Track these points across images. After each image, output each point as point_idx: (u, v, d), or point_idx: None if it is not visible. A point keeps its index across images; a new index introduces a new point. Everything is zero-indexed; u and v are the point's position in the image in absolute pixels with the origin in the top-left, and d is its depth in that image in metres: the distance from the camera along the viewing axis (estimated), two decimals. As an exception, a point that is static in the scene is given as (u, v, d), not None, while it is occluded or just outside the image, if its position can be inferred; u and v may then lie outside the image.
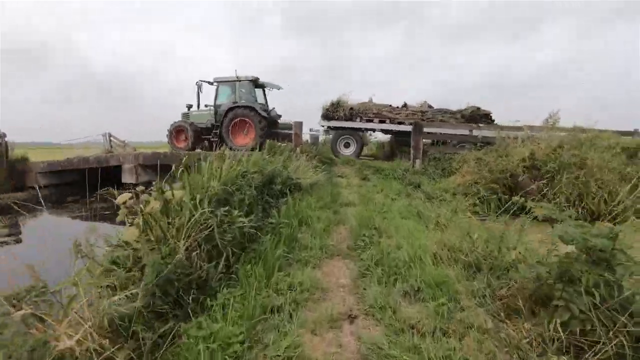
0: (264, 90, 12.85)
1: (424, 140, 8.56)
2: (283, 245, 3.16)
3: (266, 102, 12.97)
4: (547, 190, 6.78)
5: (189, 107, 12.98)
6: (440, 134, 9.16)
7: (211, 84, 12.20)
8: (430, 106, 11.24)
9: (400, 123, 10.68)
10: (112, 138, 16.25)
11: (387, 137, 13.84)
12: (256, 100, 12.04)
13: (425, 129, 8.65)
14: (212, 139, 11.76)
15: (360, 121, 10.77)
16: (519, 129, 8.29)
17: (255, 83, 11.94)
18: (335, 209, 5.08)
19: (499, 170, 6.92)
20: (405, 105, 11.47)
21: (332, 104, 10.97)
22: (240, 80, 11.67)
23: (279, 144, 8.65)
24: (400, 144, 11.40)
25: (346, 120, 10.79)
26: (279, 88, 12.68)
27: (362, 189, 7.18)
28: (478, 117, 10.17)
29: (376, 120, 10.77)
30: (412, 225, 4.33)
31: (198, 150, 11.46)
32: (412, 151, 8.34)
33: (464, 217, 5.40)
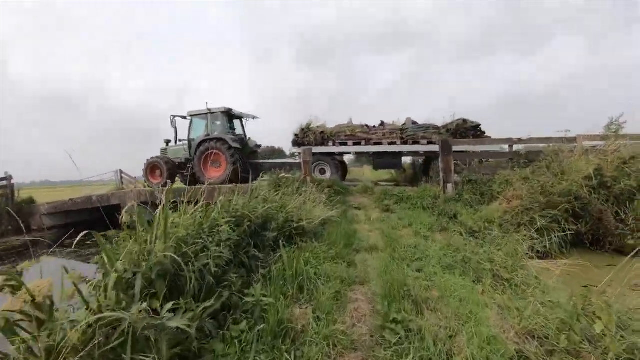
0: (241, 121, 12.71)
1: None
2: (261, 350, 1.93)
3: (244, 133, 12.70)
4: (627, 216, 5.28)
5: (167, 142, 12.78)
6: (474, 152, 7.83)
7: (184, 118, 11.97)
8: (414, 122, 10.06)
9: (377, 143, 9.81)
10: (123, 175, 15.88)
11: (409, 159, 12.59)
12: (230, 132, 11.64)
13: (456, 147, 7.35)
14: (186, 174, 11.36)
15: (333, 145, 10.00)
16: (571, 140, 6.86)
17: (229, 114, 11.58)
18: (350, 259, 3.81)
19: (557, 193, 5.50)
20: (382, 123, 10.48)
21: (302, 129, 10.39)
22: (212, 113, 11.34)
23: (286, 175, 7.61)
24: (381, 165, 10.43)
25: (317, 144, 10.05)
26: (254, 117, 12.59)
27: (384, 224, 5.89)
28: (465, 130, 9.00)
29: (350, 142, 9.90)
30: (461, 283, 3.01)
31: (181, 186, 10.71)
32: (441, 174, 7.03)
33: (525, 259, 4.02)
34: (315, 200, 6.18)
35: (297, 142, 10.38)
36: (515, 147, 7.34)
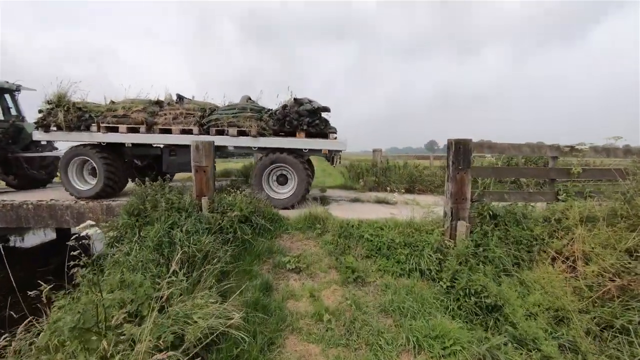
0: (12, 96, 8.27)
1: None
2: None
3: (18, 111, 8.31)
4: None
5: None
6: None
7: None
8: (253, 102, 6.50)
9: (164, 130, 5.97)
10: None
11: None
12: None
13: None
14: None
15: (99, 131, 5.94)
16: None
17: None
18: None
19: None
20: (180, 99, 6.54)
21: (49, 103, 6.06)
22: None
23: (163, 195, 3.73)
24: (173, 166, 6.32)
25: (73, 130, 6.04)
26: (24, 89, 8.29)
27: (354, 330, 2.57)
28: (299, 116, 5.70)
29: (123, 128, 5.90)
30: None
31: None
32: (448, 203, 3.88)
33: None
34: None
35: (43, 125, 6.07)
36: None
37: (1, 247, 3.36)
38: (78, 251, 2.24)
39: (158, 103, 6.40)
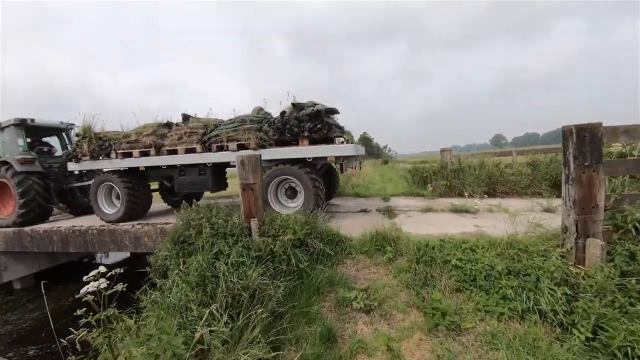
0: (66, 135, 8.80)
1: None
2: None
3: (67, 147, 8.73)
4: None
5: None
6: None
7: None
8: (266, 113, 6.17)
9: (172, 152, 6.02)
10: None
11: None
12: (28, 151, 7.76)
13: None
14: None
15: (116, 157, 6.38)
16: None
17: (26, 126, 7.74)
18: None
19: None
20: (186, 118, 6.54)
21: (77, 136, 6.85)
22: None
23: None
24: (186, 186, 6.22)
25: (97, 158, 6.62)
26: (71, 127, 8.63)
27: None
28: (298, 122, 5.12)
29: (136, 152, 6.17)
30: None
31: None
32: (569, 214, 2.81)
33: None
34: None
35: (74, 155, 6.78)
36: None
37: (42, 286, 3.17)
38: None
39: (167, 125, 6.57)
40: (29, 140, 7.85)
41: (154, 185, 7.76)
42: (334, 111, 5.43)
